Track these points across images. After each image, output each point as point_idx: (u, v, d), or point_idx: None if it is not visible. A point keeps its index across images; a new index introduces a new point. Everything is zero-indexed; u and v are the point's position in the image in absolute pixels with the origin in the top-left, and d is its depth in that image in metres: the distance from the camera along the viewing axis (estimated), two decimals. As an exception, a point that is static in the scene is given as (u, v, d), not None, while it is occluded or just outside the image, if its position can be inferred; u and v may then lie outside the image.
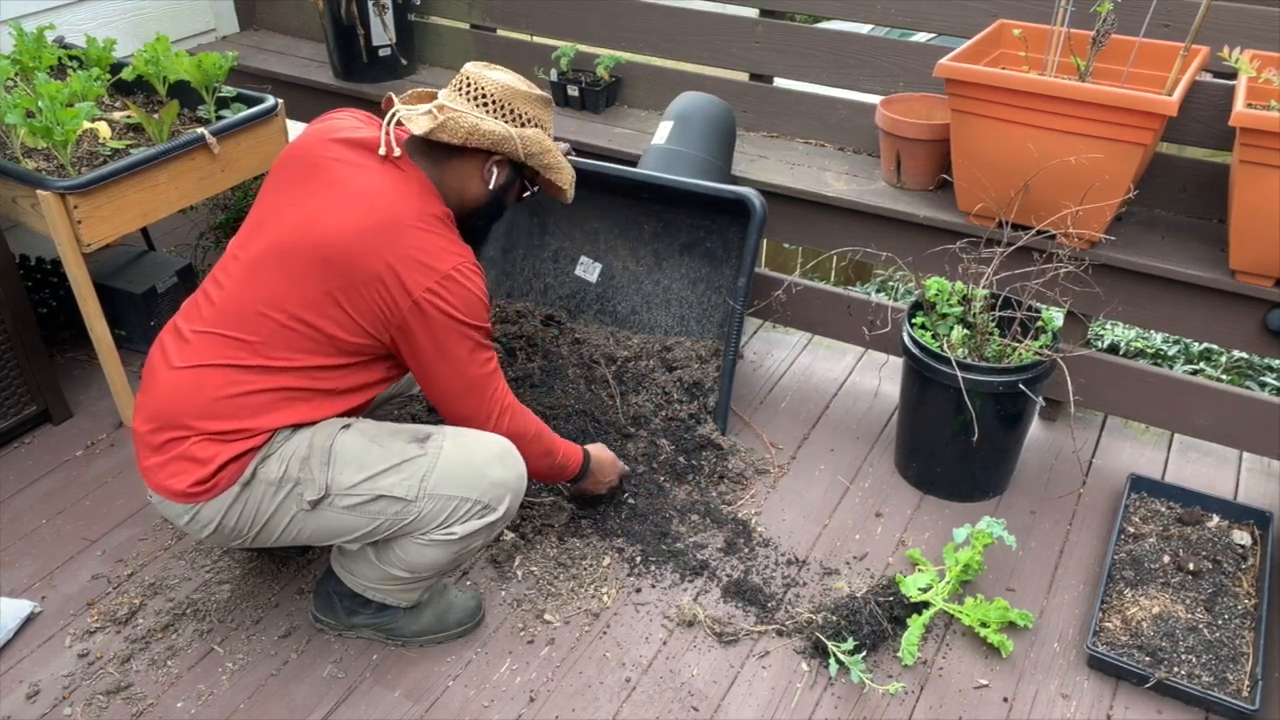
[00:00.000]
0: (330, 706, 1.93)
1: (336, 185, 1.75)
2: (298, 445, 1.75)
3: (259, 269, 1.74)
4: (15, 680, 1.97)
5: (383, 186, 1.76)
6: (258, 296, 1.73)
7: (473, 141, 1.81)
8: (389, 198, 1.75)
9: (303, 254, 1.71)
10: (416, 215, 1.75)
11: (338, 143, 1.81)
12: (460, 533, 1.81)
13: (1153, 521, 2.33)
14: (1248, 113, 2.00)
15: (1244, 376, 3.65)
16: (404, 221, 1.73)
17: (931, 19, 2.63)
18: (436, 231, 1.77)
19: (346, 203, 1.73)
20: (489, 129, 1.82)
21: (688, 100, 2.74)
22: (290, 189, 1.78)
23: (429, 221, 1.76)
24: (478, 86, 1.86)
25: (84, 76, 2.38)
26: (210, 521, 1.75)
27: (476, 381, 1.84)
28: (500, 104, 1.86)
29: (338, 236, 1.70)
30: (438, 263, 1.73)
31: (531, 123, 1.91)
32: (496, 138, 1.83)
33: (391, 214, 1.72)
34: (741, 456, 2.54)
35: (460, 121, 1.79)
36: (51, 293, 2.92)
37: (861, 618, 2.05)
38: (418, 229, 1.73)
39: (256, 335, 1.72)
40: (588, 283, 2.87)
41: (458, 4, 3.31)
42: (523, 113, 1.89)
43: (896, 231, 2.60)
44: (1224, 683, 1.94)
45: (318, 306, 1.71)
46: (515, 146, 1.86)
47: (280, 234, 1.74)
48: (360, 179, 1.76)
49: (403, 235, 1.71)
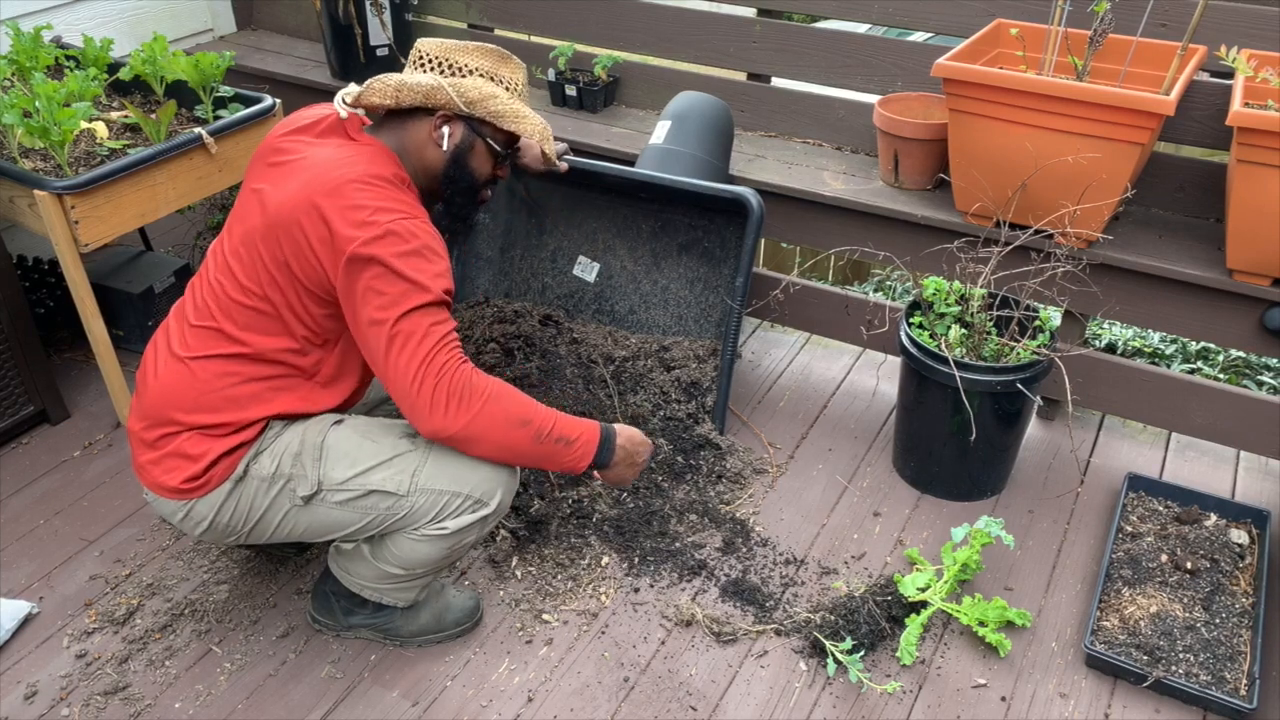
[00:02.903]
0: (329, 707, 1.93)
1: (290, 165, 1.75)
2: (290, 441, 1.76)
3: (232, 259, 1.76)
4: (13, 681, 1.97)
5: (332, 156, 1.73)
6: (230, 285, 1.74)
7: (403, 98, 1.76)
8: (335, 164, 1.71)
9: (260, 232, 1.72)
10: (360, 175, 1.69)
11: (298, 130, 1.82)
12: (452, 527, 1.81)
13: (1150, 520, 2.33)
14: (1245, 112, 2.00)
15: (1241, 375, 3.65)
16: (345, 180, 1.67)
17: (929, 18, 2.63)
18: (379, 189, 1.69)
19: (296, 176, 1.71)
20: (416, 80, 1.76)
21: (685, 100, 2.74)
22: (259, 181, 1.79)
23: (372, 180, 1.69)
24: (420, 52, 1.82)
25: (81, 76, 2.38)
26: (204, 518, 1.76)
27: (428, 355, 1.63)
28: (436, 60, 1.81)
29: (283, 205, 1.69)
30: (375, 216, 1.64)
31: (476, 72, 1.82)
32: (425, 89, 1.75)
33: (334, 176, 1.68)
34: (740, 456, 2.54)
35: (387, 80, 1.75)
36: (49, 293, 2.91)
37: (859, 617, 2.05)
38: (358, 187, 1.67)
39: (232, 322, 1.74)
40: (586, 282, 2.87)
41: (455, 4, 3.31)
42: (461, 64, 1.81)
43: (894, 231, 2.60)
44: (1221, 681, 1.94)
45: (277, 282, 1.71)
46: (448, 96, 1.76)
47: (245, 222, 1.76)
48: (312, 154, 1.75)
49: (341, 193, 1.66)
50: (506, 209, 2.94)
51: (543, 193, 2.87)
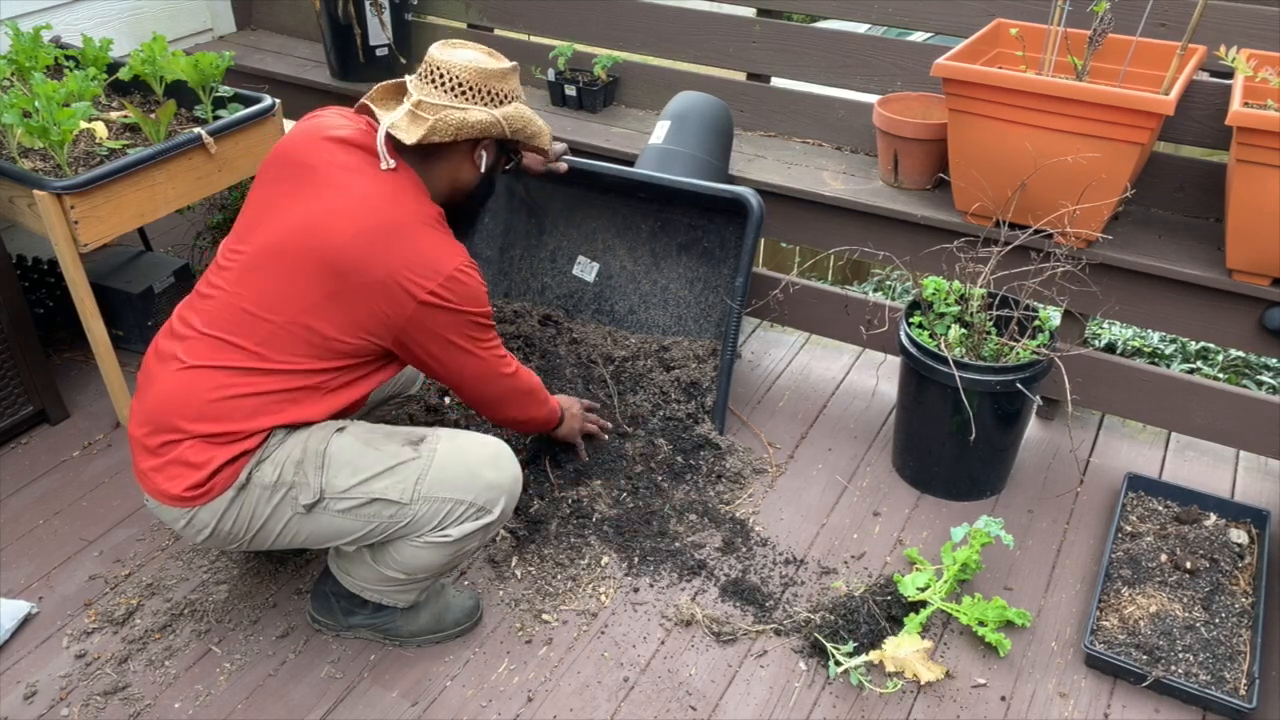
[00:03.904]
0: (328, 707, 1.93)
1: (332, 188, 1.75)
2: (292, 449, 1.75)
3: (253, 271, 1.74)
4: (13, 681, 1.97)
5: (379, 190, 1.76)
6: (252, 299, 1.73)
7: (463, 135, 1.81)
8: (386, 201, 1.75)
9: (301, 257, 1.71)
10: (414, 218, 1.75)
11: (329, 141, 1.80)
12: (455, 535, 1.81)
13: (1150, 520, 2.33)
14: (1245, 112, 2.01)
15: (1241, 375, 3.66)
16: (403, 224, 1.73)
17: (928, 18, 2.63)
18: (435, 233, 1.78)
19: (344, 206, 1.72)
20: (476, 119, 1.81)
21: (685, 100, 2.74)
22: (283, 189, 1.78)
23: (427, 223, 1.77)
24: (449, 74, 1.82)
25: (80, 76, 2.38)
26: (206, 526, 1.75)
27: (489, 364, 1.91)
28: (477, 89, 1.83)
29: (337, 241, 1.70)
30: (440, 265, 1.73)
31: (509, 98, 1.89)
32: (485, 125, 1.83)
33: (390, 217, 1.73)
34: (739, 456, 2.54)
35: (448, 120, 1.78)
36: (48, 293, 2.91)
37: (859, 617, 2.05)
38: (416, 232, 1.74)
39: (251, 338, 1.72)
40: (585, 282, 2.87)
41: (455, 3, 3.31)
42: (499, 91, 1.86)
43: (894, 231, 2.60)
44: (1221, 681, 1.94)
45: (316, 310, 1.71)
46: (503, 129, 1.86)
47: (276, 236, 1.74)
48: (356, 183, 1.75)
49: (402, 238, 1.72)
50: (506, 209, 2.93)
51: (542, 193, 2.87)
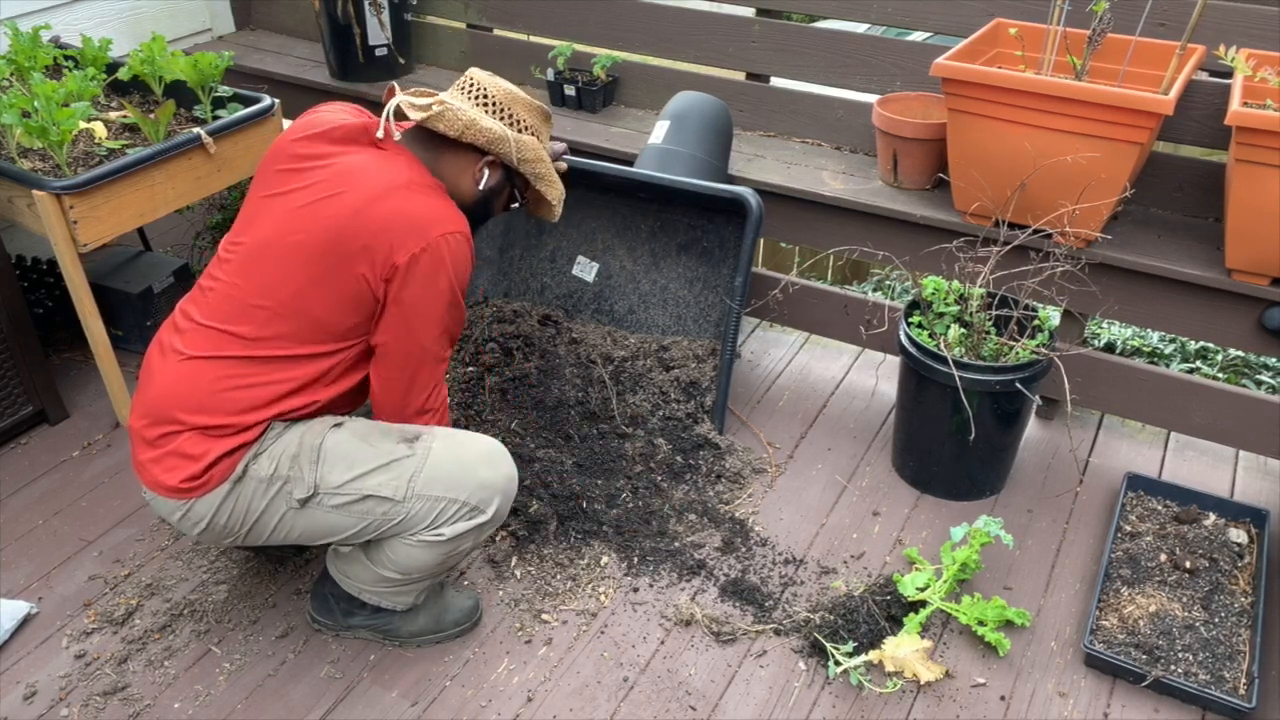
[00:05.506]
0: (328, 707, 1.93)
1: (323, 172, 1.76)
2: (288, 443, 1.76)
3: (251, 262, 1.76)
4: (12, 681, 1.97)
5: (369, 163, 1.77)
6: (249, 289, 1.74)
7: (469, 135, 1.82)
8: (376, 170, 1.76)
9: (293, 242, 1.72)
10: (405, 183, 1.76)
11: (320, 135, 1.81)
12: (448, 534, 1.81)
13: (1150, 520, 2.33)
14: (1244, 111, 2.01)
15: (1240, 375, 3.66)
16: (393, 186, 1.74)
17: (928, 18, 2.63)
18: (426, 196, 1.77)
19: (334, 186, 1.73)
20: (486, 125, 1.84)
21: (684, 100, 2.74)
22: (277, 184, 1.79)
23: (417, 188, 1.77)
24: (481, 87, 1.89)
25: (80, 76, 2.38)
26: (202, 518, 1.76)
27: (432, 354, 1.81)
28: (501, 106, 1.90)
29: (328, 218, 1.71)
30: (431, 225, 1.73)
31: (529, 130, 1.94)
32: (493, 135, 1.84)
33: (380, 181, 1.74)
34: (739, 456, 2.54)
35: (459, 114, 1.81)
36: (48, 293, 2.91)
37: (859, 617, 2.05)
38: (406, 193, 1.74)
39: (248, 327, 1.73)
40: (585, 282, 2.87)
41: (454, 3, 3.31)
42: (521, 118, 1.92)
43: (893, 231, 2.60)
44: (1220, 680, 1.94)
45: (308, 291, 1.72)
46: (510, 148, 1.87)
47: (271, 227, 1.76)
48: (345, 162, 1.77)
49: (391, 199, 1.72)
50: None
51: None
